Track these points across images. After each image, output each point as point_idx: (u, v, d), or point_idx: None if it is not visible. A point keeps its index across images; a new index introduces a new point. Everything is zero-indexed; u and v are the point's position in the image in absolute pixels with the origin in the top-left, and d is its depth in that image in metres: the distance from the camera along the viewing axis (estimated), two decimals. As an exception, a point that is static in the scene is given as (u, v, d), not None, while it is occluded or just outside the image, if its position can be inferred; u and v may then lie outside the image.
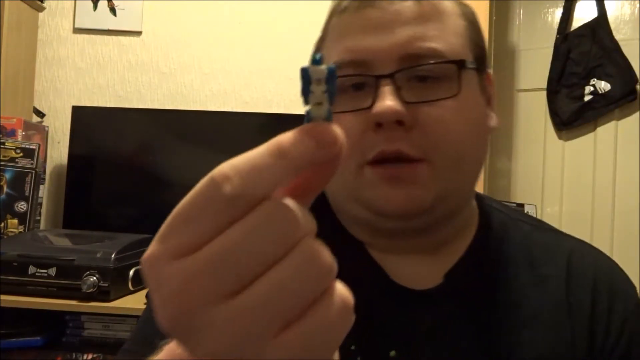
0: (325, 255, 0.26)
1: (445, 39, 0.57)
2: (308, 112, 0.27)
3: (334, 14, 0.62)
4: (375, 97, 0.55)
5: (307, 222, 0.26)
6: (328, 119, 0.27)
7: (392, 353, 0.58)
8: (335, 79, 0.27)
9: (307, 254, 0.25)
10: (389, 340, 0.58)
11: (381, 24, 0.57)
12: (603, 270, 0.64)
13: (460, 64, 0.57)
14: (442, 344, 0.58)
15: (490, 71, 0.65)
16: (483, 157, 0.61)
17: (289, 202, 0.26)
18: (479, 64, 0.60)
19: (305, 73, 0.27)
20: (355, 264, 0.61)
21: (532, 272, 0.62)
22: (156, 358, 0.31)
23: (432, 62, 0.56)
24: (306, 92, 0.27)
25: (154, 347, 0.34)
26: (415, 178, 0.55)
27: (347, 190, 0.59)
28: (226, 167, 0.25)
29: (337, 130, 0.26)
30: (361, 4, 0.59)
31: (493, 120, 0.63)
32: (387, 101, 0.54)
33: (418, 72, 0.56)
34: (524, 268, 0.62)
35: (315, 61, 0.27)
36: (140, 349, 0.57)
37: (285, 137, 0.26)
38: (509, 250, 0.63)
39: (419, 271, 0.62)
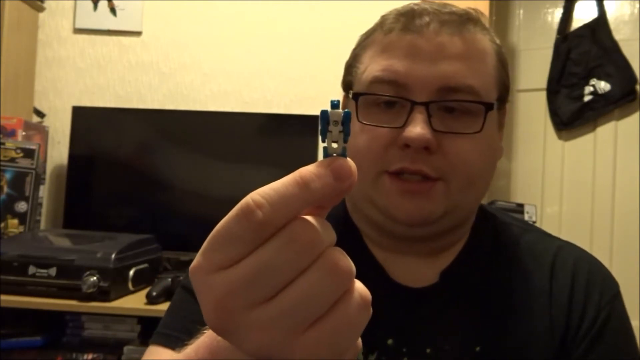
0: (345, 262, 0.31)
1: (482, 78, 0.63)
2: (325, 149, 0.31)
3: (377, 28, 0.66)
4: (407, 120, 0.60)
5: (328, 234, 0.31)
6: (343, 155, 0.31)
7: (390, 341, 0.65)
8: (349, 121, 0.31)
9: (328, 263, 0.30)
10: (387, 331, 0.65)
11: (425, 53, 0.61)
12: (583, 265, 0.69)
13: (488, 107, 0.62)
14: (435, 333, 0.65)
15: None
16: (490, 179, 0.68)
17: (311, 219, 0.31)
18: (500, 101, 0.66)
19: (324, 115, 0.31)
20: (359, 264, 0.65)
21: (518, 268, 0.69)
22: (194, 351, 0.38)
23: (465, 100, 0.61)
24: (324, 131, 0.31)
25: (189, 332, 0.42)
26: (430, 194, 0.61)
27: (363, 192, 0.65)
28: (258, 195, 0.30)
29: (352, 164, 0.31)
30: (408, 27, 0.62)
31: (500, 148, 0.70)
32: (419, 128, 0.59)
33: (450, 104, 0.61)
34: (511, 265, 0.69)
35: (333, 105, 0.31)
36: (177, 333, 0.65)
37: (308, 170, 0.30)
38: (499, 251, 0.70)
39: (416, 271, 0.68)
